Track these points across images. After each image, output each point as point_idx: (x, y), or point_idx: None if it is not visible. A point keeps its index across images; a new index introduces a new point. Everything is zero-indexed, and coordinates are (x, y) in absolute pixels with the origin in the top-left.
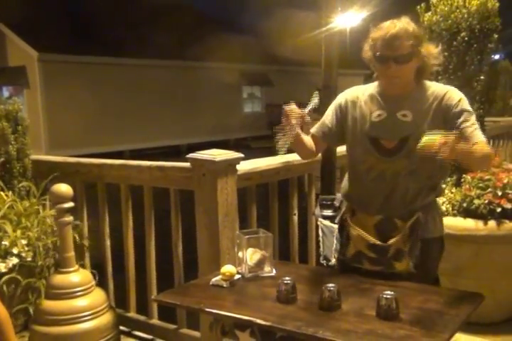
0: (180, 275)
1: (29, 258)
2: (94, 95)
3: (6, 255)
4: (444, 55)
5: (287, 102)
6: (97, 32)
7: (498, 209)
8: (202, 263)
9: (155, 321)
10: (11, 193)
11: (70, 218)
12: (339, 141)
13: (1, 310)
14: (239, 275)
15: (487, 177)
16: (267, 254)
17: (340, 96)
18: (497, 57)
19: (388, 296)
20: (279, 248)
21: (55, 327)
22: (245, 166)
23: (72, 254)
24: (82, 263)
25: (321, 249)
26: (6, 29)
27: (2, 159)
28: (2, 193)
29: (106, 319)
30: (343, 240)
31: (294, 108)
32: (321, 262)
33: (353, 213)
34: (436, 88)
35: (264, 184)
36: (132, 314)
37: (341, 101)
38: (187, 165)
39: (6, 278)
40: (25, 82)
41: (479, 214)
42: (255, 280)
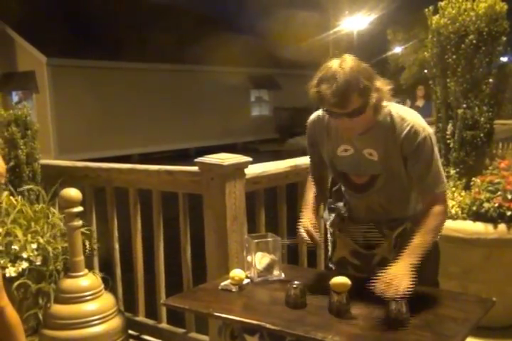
0: (188, 280)
1: (39, 263)
2: (102, 99)
3: (15, 259)
4: (452, 58)
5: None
6: (105, 36)
7: (508, 213)
8: (210, 267)
9: (164, 325)
10: (20, 197)
11: (79, 222)
12: None
13: (11, 314)
14: (248, 280)
15: (497, 181)
16: (276, 258)
17: (309, 129)
18: (505, 59)
19: (398, 301)
20: (287, 252)
21: (65, 331)
22: (254, 170)
23: (81, 258)
24: (92, 271)
25: (330, 253)
26: (14, 34)
27: (11, 163)
28: (12, 198)
29: (115, 323)
30: (332, 246)
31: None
32: (330, 266)
33: (342, 219)
34: (397, 123)
35: (273, 188)
36: (141, 318)
37: (311, 134)
38: (195, 169)
39: (17, 282)
40: (34, 87)
41: (489, 218)
42: (264, 285)
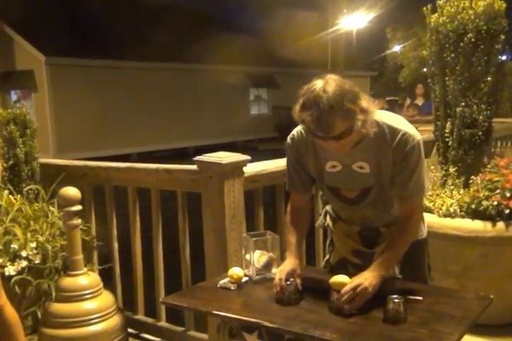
0: (187, 278)
1: (38, 261)
2: (101, 98)
3: (14, 258)
4: (451, 57)
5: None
6: (104, 35)
7: (507, 211)
8: (209, 265)
9: (163, 323)
10: (19, 196)
11: (78, 221)
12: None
13: (10, 312)
14: (246, 278)
15: (496, 179)
16: (275, 256)
17: (291, 146)
18: (504, 58)
19: (396, 300)
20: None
21: (64, 329)
22: (252, 168)
23: (80, 257)
24: (90, 265)
25: (327, 257)
26: (13, 33)
27: (10, 162)
28: (11, 196)
29: (114, 321)
30: (328, 247)
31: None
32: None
33: (335, 221)
34: (388, 132)
35: (271, 186)
36: (140, 316)
37: (294, 151)
38: (194, 167)
39: (14, 279)
40: (33, 86)
41: (487, 216)
42: (263, 283)
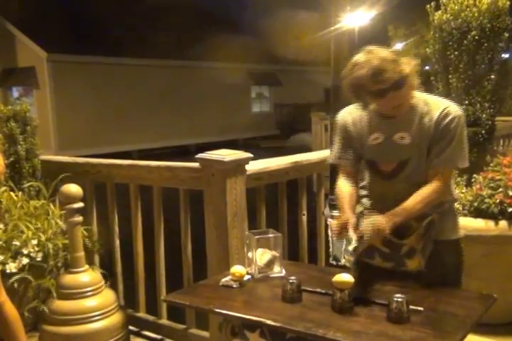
0: (189, 276)
1: (39, 259)
2: (103, 95)
3: (16, 255)
4: (454, 54)
5: (297, 104)
6: (106, 32)
7: (509, 209)
8: (211, 263)
9: (164, 321)
10: (20, 193)
11: (79, 218)
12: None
13: (11, 309)
14: (248, 276)
15: (498, 177)
16: (277, 254)
17: (340, 119)
18: (507, 56)
19: (399, 299)
20: (288, 248)
21: (65, 326)
22: (254, 166)
23: (81, 254)
24: (92, 266)
25: (331, 249)
26: (15, 30)
27: (11, 159)
28: (12, 194)
29: (115, 319)
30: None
31: (335, 224)
32: (331, 262)
33: (369, 212)
34: (431, 106)
35: (274, 184)
36: (141, 314)
37: (342, 124)
38: (196, 165)
39: (16, 277)
40: (35, 83)
41: (490, 214)
42: (265, 281)
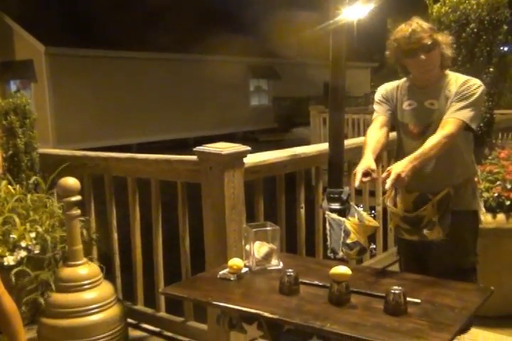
0: (187, 269)
1: (37, 251)
2: (101, 88)
3: (14, 248)
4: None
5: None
6: (104, 25)
7: (507, 203)
8: (209, 256)
9: (162, 314)
10: (18, 187)
11: (77, 211)
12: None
13: (9, 302)
14: (246, 269)
15: (496, 170)
16: (275, 247)
17: (381, 89)
18: (506, 49)
19: (396, 291)
20: (286, 241)
21: (63, 319)
22: (252, 159)
23: (80, 247)
24: (90, 256)
25: (329, 242)
26: (13, 23)
27: (10, 152)
28: (10, 187)
29: (114, 312)
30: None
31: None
32: (329, 255)
33: (396, 191)
34: (458, 77)
35: (272, 177)
36: (140, 307)
37: (383, 93)
38: (194, 158)
39: (14, 270)
40: (33, 76)
41: (488, 208)
42: (262, 274)
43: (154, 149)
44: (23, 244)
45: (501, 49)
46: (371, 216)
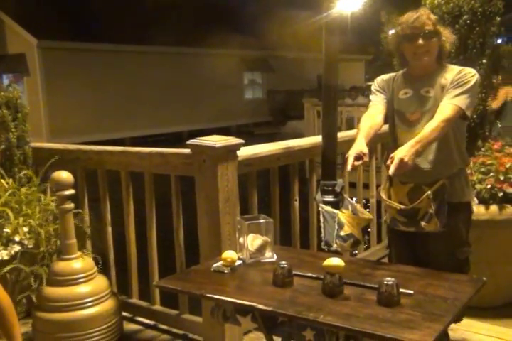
0: (181, 262)
1: (31, 246)
2: (94, 82)
3: (7, 242)
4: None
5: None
6: (97, 18)
7: (500, 194)
8: (203, 249)
9: (157, 307)
10: (11, 181)
11: (71, 205)
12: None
13: (3, 297)
14: (240, 261)
15: (489, 162)
16: (268, 240)
17: (377, 79)
18: (500, 41)
19: (389, 283)
20: (280, 233)
21: (58, 313)
22: (246, 152)
23: (73, 241)
24: (84, 250)
25: (322, 235)
26: (4, 16)
27: (2, 146)
28: (3, 181)
29: (108, 305)
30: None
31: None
32: (323, 247)
33: (390, 184)
34: (453, 67)
35: (265, 170)
36: (134, 300)
37: (379, 83)
38: (187, 151)
39: (9, 266)
40: (25, 70)
41: (481, 199)
42: (256, 266)
43: (148, 143)
44: (17, 238)
45: (494, 41)
46: (366, 209)
